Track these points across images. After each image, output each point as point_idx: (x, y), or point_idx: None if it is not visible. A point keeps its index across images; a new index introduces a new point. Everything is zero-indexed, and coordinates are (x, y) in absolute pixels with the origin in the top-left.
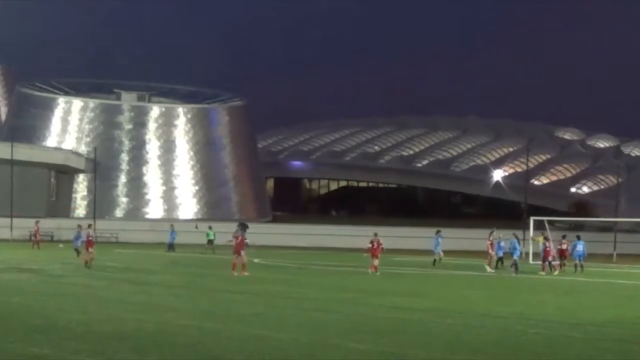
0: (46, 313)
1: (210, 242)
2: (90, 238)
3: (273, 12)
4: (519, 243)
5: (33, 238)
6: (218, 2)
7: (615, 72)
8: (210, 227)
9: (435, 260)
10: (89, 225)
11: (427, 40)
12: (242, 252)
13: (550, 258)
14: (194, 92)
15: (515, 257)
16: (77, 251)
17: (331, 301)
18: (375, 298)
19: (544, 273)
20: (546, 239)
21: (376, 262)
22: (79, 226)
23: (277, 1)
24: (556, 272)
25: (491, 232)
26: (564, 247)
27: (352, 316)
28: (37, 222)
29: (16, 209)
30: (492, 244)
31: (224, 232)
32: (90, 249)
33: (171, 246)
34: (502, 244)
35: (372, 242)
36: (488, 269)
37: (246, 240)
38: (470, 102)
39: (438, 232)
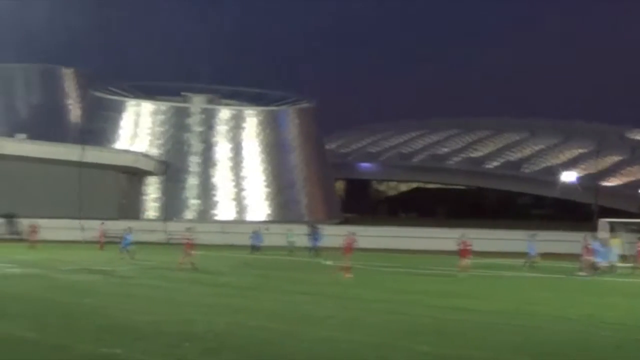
0: (117, 314)
1: (291, 243)
2: (188, 240)
3: (342, 14)
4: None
5: (99, 240)
6: (297, 5)
7: None
8: (290, 230)
9: (527, 262)
10: (188, 229)
11: (494, 40)
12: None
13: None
14: (261, 94)
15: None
16: (125, 253)
17: (400, 303)
18: (444, 300)
19: None
20: None
21: (464, 262)
22: (129, 228)
23: (350, 2)
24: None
25: (585, 236)
26: None
27: (421, 318)
28: (101, 224)
29: (87, 211)
30: (587, 249)
31: (297, 234)
32: (190, 252)
33: (255, 248)
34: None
35: (460, 243)
36: (583, 273)
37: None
38: (538, 104)
39: (533, 235)
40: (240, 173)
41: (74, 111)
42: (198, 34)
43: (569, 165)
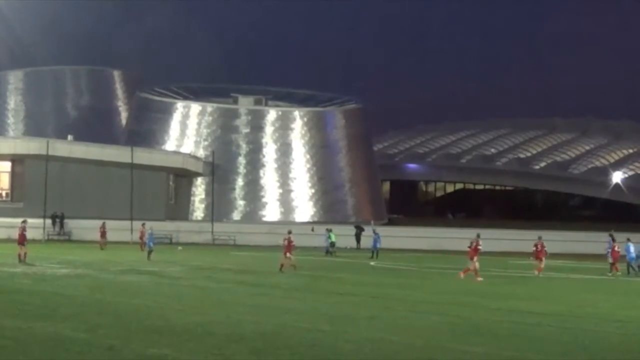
0: (165, 314)
1: (332, 244)
2: (290, 242)
3: (391, 15)
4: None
5: (139, 240)
6: (346, 6)
7: None
8: (329, 230)
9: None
10: (289, 232)
11: (543, 40)
12: (475, 258)
13: None
14: (310, 95)
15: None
16: (149, 252)
17: (447, 304)
18: (492, 301)
19: None
20: None
21: (542, 264)
22: (146, 226)
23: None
24: None
25: (610, 236)
26: None
27: (468, 319)
28: (142, 225)
29: (136, 212)
30: (614, 250)
31: (342, 234)
32: (288, 254)
33: (328, 251)
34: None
35: (536, 245)
36: (610, 274)
37: (480, 247)
38: (589, 103)
39: (628, 240)
40: (288, 174)
41: (122, 113)
42: (248, 36)
43: (618, 165)
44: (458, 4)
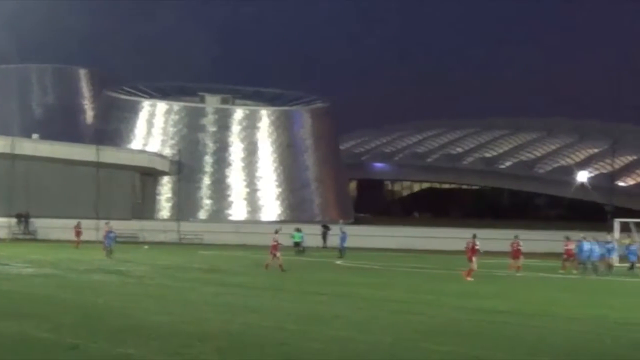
0: (131, 313)
1: (296, 244)
2: (275, 242)
3: (361, 14)
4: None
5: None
6: (315, 4)
7: None
8: (297, 229)
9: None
10: (276, 231)
11: (507, 42)
12: (474, 259)
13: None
14: (277, 94)
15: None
16: (108, 251)
17: (414, 303)
18: (459, 300)
19: None
20: None
21: (518, 262)
22: (111, 226)
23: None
24: None
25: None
26: None
27: (435, 318)
28: (106, 224)
29: (102, 211)
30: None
31: (308, 233)
32: (276, 253)
33: (299, 250)
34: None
35: (513, 245)
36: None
37: (477, 247)
38: (556, 103)
39: (583, 238)
40: (255, 173)
41: (88, 111)
42: (215, 34)
43: (583, 165)
44: (428, 3)
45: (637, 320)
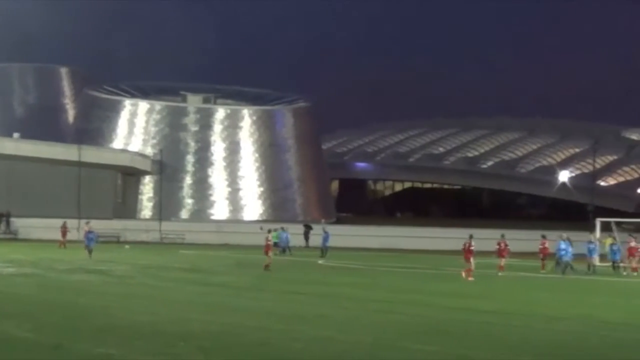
0: (113, 313)
1: (275, 244)
2: (268, 242)
3: (343, 14)
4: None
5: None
6: (298, 5)
7: None
8: (273, 229)
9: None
10: (269, 231)
11: (491, 41)
12: (471, 258)
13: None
14: (260, 93)
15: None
16: (89, 251)
17: (396, 303)
18: (441, 300)
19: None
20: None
21: (502, 262)
22: (86, 223)
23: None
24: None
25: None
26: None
27: (417, 318)
28: (87, 223)
29: (84, 211)
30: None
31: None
32: (270, 253)
33: (284, 250)
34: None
35: (499, 244)
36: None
37: (472, 247)
38: (536, 103)
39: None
40: (237, 172)
41: (70, 111)
42: (198, 34)
43: (565, 164)
44: (406, 4)
45: (621, 320)
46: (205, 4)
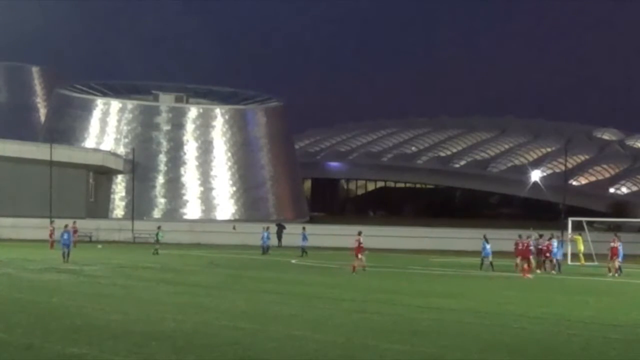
0: (85, 313)
1: (157, 241)
2: (360, 244)
3: (316, 14)
4: (562, 245)
5: (49, 239)
6: (272, 4)
7: None
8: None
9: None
10: (359, 232)
11: (463, 41)
12: (360, 255)
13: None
14: (232, 93)
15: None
16: (65, 252)
17: (368, 302)
18: (413, 299)
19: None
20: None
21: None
22: (66, 226)
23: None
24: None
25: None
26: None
27: (389, 317)
28: (51, 223)
29: (55, 210)
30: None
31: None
32: (360, 255)
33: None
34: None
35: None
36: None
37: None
38: (508, 103)
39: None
40: (209, 172)
41: (41, 109)
42: (173, 32)
43: (536, 164)
44: (376, 4)
45: (592, 320)
46: (179, 3)
